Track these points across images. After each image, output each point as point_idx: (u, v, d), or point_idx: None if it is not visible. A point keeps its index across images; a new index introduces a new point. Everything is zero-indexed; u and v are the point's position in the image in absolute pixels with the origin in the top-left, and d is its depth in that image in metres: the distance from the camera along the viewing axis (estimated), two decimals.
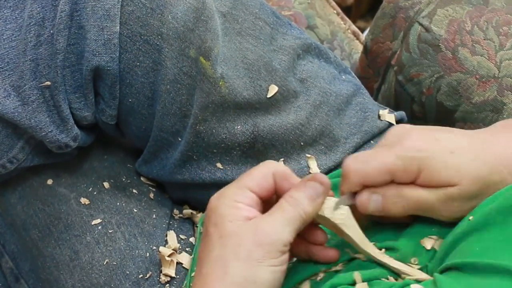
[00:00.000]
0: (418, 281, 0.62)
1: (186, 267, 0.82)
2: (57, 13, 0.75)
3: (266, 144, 0.82)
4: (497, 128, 0.67)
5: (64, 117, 0.78)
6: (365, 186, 0.64)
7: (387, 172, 0.62)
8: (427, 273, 0.64)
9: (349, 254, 0.67)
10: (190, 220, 0.89)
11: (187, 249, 0.84)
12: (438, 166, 0.62)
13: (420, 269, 0.64)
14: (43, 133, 0.78)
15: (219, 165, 0.83)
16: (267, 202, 0.63)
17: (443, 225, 0.66)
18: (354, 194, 0.64)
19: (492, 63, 0.88)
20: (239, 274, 0.58)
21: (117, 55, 0.76)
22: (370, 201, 0.64)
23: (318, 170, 0.84)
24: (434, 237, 0.66)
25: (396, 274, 0.64)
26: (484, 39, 0.89)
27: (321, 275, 0.67)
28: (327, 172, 0.84)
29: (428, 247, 0.65)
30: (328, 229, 0.65)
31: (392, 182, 0.63)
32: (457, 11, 0.91)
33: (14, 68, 0.76)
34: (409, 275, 0.63)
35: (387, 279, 0.63)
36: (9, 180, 0.86)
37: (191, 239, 0.85)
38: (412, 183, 0.63)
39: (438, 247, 0.65)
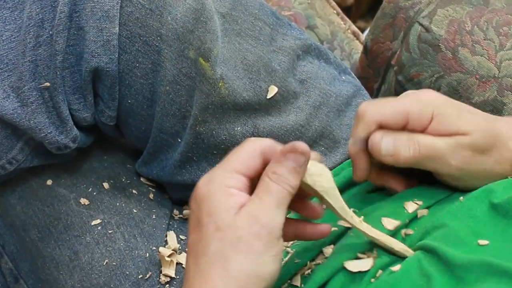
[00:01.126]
0: (394, 254, 0.62)
1: None
2: (56, 14, 0.75)
3: None
4: None
5: (64, 118, 0.78)
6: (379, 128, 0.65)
7: (403, 113, 0.64)
8: (403, 241, 0.64)
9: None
10: None
11: (186, 249, 0.84)
12: (451, 114, 0.64)
13: (395, 229, 0.64)
14: (43, 134, 0.78)
15: None
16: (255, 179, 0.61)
17: (431, 196, 0.66)
18: (365, 141, 0.65)
19: (492, 63, 0.88)
20: (241, 269, 0.56)
21: (116, 56, 0.76)
22: (383, 142, 0.64)
23: None
24: (419, 202, 0.66)
25: (372, 245, 0.63)
26: (484, 39, 0.89)
27: (311, 268, 0.67)
28: None
29: (410, 211, 0.65)
30: (309, 194, 0.63)
31: (404, 128, 0.64)
32: (457, 11, 0.91)
33: (13, 69, 0.76)
34: (386, 244, 0.62)
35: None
36: (9, 180, 0.86)
37: None
38: (423, 131, 0.64)
39: (421, 215, 0.65)
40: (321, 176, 0.61)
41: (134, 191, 0.87)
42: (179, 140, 0.81)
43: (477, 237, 0.59)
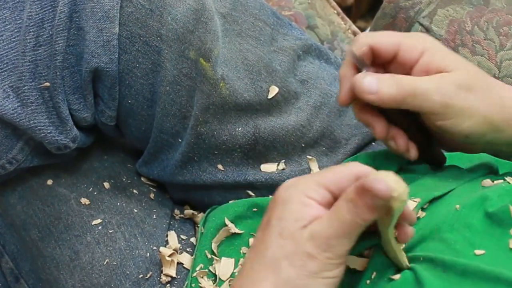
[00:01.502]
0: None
1: (187, 267, 0.81)
2: (56, 14, 0.75)
3: (267, 145, 0.82)
4: None
5: (63, 118, 0.78)
6: (372, 53, 0.66)
7: (395, 42, 0.65)
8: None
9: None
10: (191, 221, 0.89)
11: (188, 249, 0.84)
12: (441, 51, 0.65)
13: None
14: (42, 134, 0.78)
15: (220, 166, 0.83)
16: None
17: (428, 194, 0.66)
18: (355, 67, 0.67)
19: (493, 63, 0.88)
20: (291, 281, 0.56)
21: (116, 56, 0.76)
22: (366, 79, 0.64)
23: None
24: (416, 199, 0.66)
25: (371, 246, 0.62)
26: (485, 39, 0.89)
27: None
28: None
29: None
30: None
31: (394, 60, 0.66)
32: (457, 11, 0.91)
33: (13, 69, 0.76)
34: (395, 251, 0.61)
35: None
36: (9, 180, 0.86)
37: (192, 239, 0.85)
38: (412, 66, 0.65)
39: (419, 216, 0.65)
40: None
41: (134, 191, 0.87)
42: (180, 140, 0.81)
43: (473, 247, 0.59)
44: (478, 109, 0.65)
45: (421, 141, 0.72)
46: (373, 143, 0.86)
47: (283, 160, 0.83)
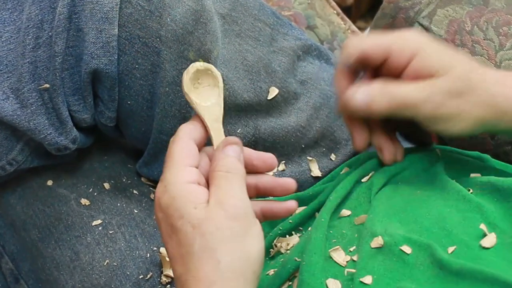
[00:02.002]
0: None
1: None
2: (56, 16, 0.75)
3: (267, 146, 0.82)
4: None
5: (63, 119, 0.78)
6: (361, 60, 0.66)
7: (385, 46, 0.64)
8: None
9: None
10: None
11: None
12: (432, 54, 0.64)
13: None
14: (42, 136, 0.78)
15: None
16: None
17: None
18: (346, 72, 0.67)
19: (492, 63, 0.88)
20: (231, 257, 0.56)
21: (116, 57, 0.76)
22: (357, 94, 0.64)
23: (320, 173, 0.84)
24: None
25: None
26: (484, 39, 0.89)
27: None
28: (327, 173, 0.84)
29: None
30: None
31: (385, 64, 0.65)
32: (457, 11, 0.91)
33: (12, 70, 0.76)
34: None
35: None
36: (9, 181, 0.86)
37: None
38: (402, 70, 0.65)
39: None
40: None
41: (135, 192, 0.87)
42: None
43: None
44: (469, 113, 0.65)
45: (409, 128, 0.73)
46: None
47: (283, 161, 0.83)
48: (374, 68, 0.68)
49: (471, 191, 0.67)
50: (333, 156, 0.85)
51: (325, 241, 0.66)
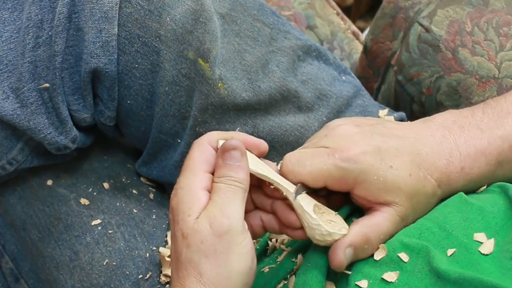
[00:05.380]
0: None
1: None
2: (56, 15, 0.75)
3: None
4: (424, 127, 0.66)
5: (63, 119, 0.78)
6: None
7: (321, 179, 0.62)
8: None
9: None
10: None
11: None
12: (376, 182, 0.61)
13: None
14: (42, 135, 0.78)
15: None
16: None
17: None
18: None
19: (493, 63, 0.88)
20: (213, 272, 0.57)
21: (115, 57, 0.76)
22: (346, 257, 0.61)
23: None
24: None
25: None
26: (485, 40, 0.89)
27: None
28: None
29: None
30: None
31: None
32: (457, 11, 0.91)
33: (12, 70, 0.76)
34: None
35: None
36: (9, 180, 0.86)
37: None
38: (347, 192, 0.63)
39: None
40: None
41: (134, 191, 0.87)
42: (179, 141, 0.81)
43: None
44: (421, 215, 0.64)
45: None
46: None
47: (282, 161, 0.83)
48: None
49: (482, 188, 0.66)
50: None
51: None
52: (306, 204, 0.62)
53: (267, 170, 0.63)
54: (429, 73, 0.92)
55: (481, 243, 0.59)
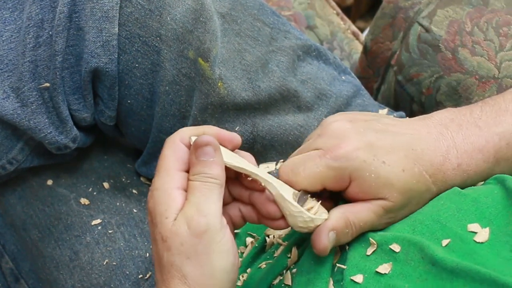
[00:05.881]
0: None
1: None
2: (56, 15, 0.75)
3: (265, 144, 0.82)
4: (419, 124, 0.66)
5: (63, 118, 0.78)
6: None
7: (317, 182, 0.62)
8: None
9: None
10: None
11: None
12: (368, 178, 0.61)
13: None
14: (42, 134, 0.78)
15: None
16: None
17: None
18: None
19: (492, 63, 0.88)
20: (196, 272, 0.57)
21: (116, 56, 0.76)
22: (330, 240, 0.61)
23: None
24: None
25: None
26: (484, 40, 0.89)
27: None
28: None
29: None
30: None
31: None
32: (457, 12, 0.91)
33: (13, 69, 0.76)
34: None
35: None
36: (9, 180, 0.86)
37: None
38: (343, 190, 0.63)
39: None
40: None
41: (134, 191, 0.87)
42: None
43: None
44: (412, 211, 0.64)
45: None
46: None
47: (282, 160, 0.83)
48: None
49: (478, 184, 0.67)
50: None
51: None
52: (286, 193, 0.61)
53: (243, 162, 0.62)
54: (429, 73, 0.93)
55: (476, 233, 0.59)
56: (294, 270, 0.66)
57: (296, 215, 0.61)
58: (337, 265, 0.63)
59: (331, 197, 0.65)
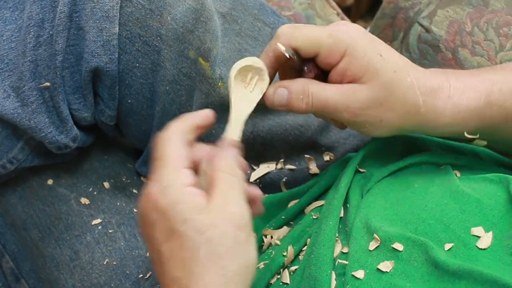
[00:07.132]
0: None
1: None
2: (57, 14, 0.75)
3: (265, 144, 0.82)
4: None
5: (64, 118, 0.78)
6: (293, 48, 0.65)
7: (316, 42, 0.64)
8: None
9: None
10: None
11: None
12: (360, 58, 0.63)
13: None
14: (43, 134, 0.78)
15: None
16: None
17: None
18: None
19: (492, 63, 0.88)
20: (235, 263, 0.57)
21: (116, 56, 0.76)
22: (276, 94, 0.64)
23: (318, 171, 0.84)
24: None
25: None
26: (484, 40, 0.89)
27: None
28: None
29: None
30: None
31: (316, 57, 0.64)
32: (457, 12, 0.91)
33: (13, 69, 0.76)
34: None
35: None
36: (10, 180, 0.86)
37: None
38: (334, 65, 0.64)
39: None
40: None
41: (134, 191, 0.87)
42: None
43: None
44: (389, 120, 0.66)
45: None
46: None
47: (282, 159, 0.83)
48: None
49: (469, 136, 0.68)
50: (331, 155, 0.85)
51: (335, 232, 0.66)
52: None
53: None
54: None
55: (479, 237, 0.60)
56: (293, 268, 0.66)
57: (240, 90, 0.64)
58: (339, 260, 0.63)
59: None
